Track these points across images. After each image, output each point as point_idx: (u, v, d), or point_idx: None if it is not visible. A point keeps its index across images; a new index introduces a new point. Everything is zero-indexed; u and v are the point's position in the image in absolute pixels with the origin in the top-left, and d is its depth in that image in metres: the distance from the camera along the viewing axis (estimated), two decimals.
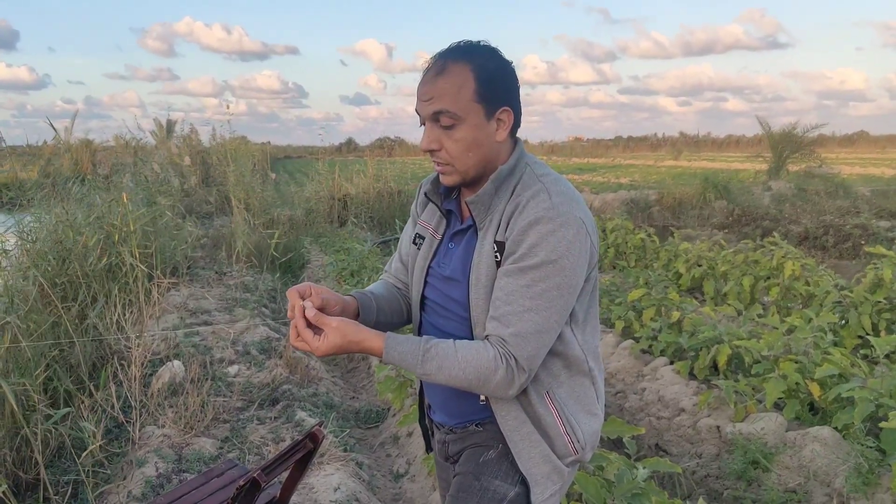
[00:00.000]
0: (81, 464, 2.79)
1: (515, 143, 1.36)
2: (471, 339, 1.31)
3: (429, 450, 1.66)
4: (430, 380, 1.26)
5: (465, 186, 1.37)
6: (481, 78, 1.25)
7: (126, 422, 3.26)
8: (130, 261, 4.76)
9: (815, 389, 3.21)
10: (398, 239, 1.84)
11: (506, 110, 1.28)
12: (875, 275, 4.87)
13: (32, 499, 2.72)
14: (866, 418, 2.82)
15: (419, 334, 1.46)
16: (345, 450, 3.16)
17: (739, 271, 6.16)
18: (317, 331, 1.24)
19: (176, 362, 3.80)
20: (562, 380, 1.35)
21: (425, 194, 1.45)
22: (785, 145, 17.18)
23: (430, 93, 1.26)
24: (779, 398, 3.29)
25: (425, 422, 1.63)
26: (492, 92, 1.26)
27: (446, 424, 1.49)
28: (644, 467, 2.26)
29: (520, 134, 1.38)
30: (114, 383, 3.52)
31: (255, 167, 10.62)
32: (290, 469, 1.54)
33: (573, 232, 1.22)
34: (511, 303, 1.23)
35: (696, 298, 6.38)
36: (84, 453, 2.79)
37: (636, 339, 4.70)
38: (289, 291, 1.28)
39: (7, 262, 4.31)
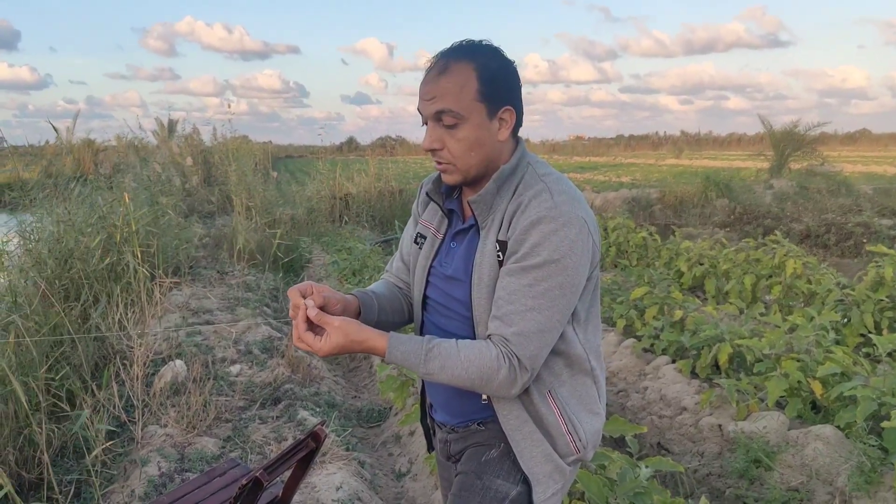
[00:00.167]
0: (88, 463, 2.80)
1: (517, 142, 1.36)
2: (473, 339, 1.31)
3: (430, 449, 1.66)
4: (433, 379, 1.25)
5: (467, 186, 1.37)
6: (484, 77, 1.24)
7: (129, 421, 3.27)
8: (132, 261, 4.77)
9: (818, 388, 3.21)
10: (399, 238, 1.84)
11: (508, 109, 1.28)
12: (877, 273, 4.87)
13: (35, 498, 2.73)
14: (869, 417, 2.81)
15: (421, 334, 1.46)
16: (347, 449, 3.16)
17: (741, 270, 6.15)
18: (319, 330, 1.24)
19: (178, 362, 3.81)
20: (564, 379, 1.35)
21: (427, 194, 1.45)
22: (786, 143, 17.13)
23: (432, 92, 1.26)
24: (781, 397, 3.29)
25: (427, 421, 1.63)
26: (494, 91, 1.26)
27: (448, 424, 1.49)
28: (646, 466, 2.26)
29: (521, 133, 1.37)
30: (116, 383, 3.52)
31: (256, 166, 10.63)
32: (292, 468, 1.55)
33: (575, 231, 1.22)
34: (513, 302, 1.23)
35: (697, 297, 6.38)
36: (92, 454, 2.79)
37: (638, 338, 4.70)
38: (290, 291, 1.28)
39: (10, 262, 4.32)
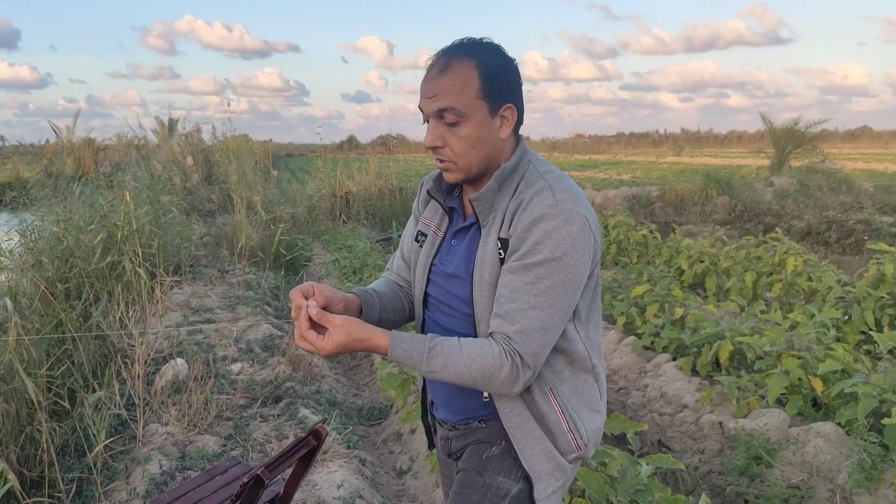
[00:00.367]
0: (89, 461, 2.80)
1: (518, 140, 1.36)
2: (474, 337, 1.31)
3: (431, 446, 1.66)
4: (435, 377, 1.26)
5: (468, 184, 1.36)
6: (485, 75, 1.24)
7: (130, 419, 3.27)
8: (133, 260, 4.77)
9: (818, 385, 3.21)
10: (400, 236, 1.84)
11: (509, 107, 1.28)
12: (878, 270, 4.87)
13: (37, 496, 2.73)
14: (869, 414, 2.82)
15: (422, 332, 1.46)
16: (348, 447, 3.17)
17: (742, 267, 6.15)
18: (321, 330, 1.24)
19: (179, 360, 3.81)
20: (565, 376, 1.35)
21: (428, 192, 1.45)
22: (787, 141, 17.10)
23: (434, 90, 1.26)
24: (781, 394, 3.29)
25: (428, 418, 1.63)
26: (496, 89, 1.26)
27: (449, 421, 1.49)
28: (647, 463, 2.27)
29: (521, 131, 1.37)
30: (117, 381, 3.53)
31: (256, 165, 10.63)
32: (293, 466, 1.55)
33: (577, 229, 1.22)
34: (515, 300, 1.23)
35: (698, 294, 6.38)
36: (93, 452, 2.79)
37: (638, 336, 4.70)
38: (292, 292, 1.28)
39: (10, 261, 4.33)
